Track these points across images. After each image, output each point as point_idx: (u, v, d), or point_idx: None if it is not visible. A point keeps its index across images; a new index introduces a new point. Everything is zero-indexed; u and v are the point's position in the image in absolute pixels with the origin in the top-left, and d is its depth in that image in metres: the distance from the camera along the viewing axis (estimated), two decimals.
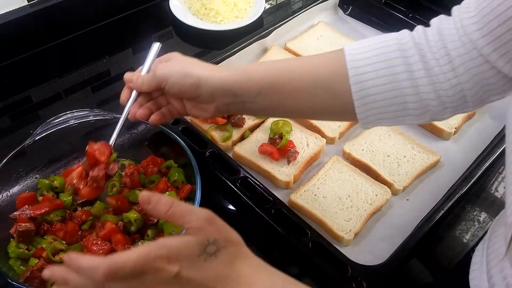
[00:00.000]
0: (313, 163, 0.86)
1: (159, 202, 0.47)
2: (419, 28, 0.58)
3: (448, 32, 0.54)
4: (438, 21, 0.57)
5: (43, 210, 0.69)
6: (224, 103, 0.63)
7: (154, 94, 0.68)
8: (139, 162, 0.79)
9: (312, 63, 0.61)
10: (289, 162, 0.82)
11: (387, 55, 0.56)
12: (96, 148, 0.67)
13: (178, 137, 0.76)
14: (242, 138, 0.89)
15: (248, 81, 0.61)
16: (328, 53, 0.61)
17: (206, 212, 0.47)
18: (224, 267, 0.46)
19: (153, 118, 0.68)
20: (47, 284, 0.64)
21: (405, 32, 0.58)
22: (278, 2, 1.29)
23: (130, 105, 0.68)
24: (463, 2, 0.56)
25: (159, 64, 0.66)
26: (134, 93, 0.68)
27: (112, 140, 0.69)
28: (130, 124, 0.79)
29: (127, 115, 0.68)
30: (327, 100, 0.60)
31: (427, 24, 0.59)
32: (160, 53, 0.71)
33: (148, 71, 0.69)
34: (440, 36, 0.55)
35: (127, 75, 0.68)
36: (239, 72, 0.62)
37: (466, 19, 0.53)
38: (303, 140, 0.87)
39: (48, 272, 0.46)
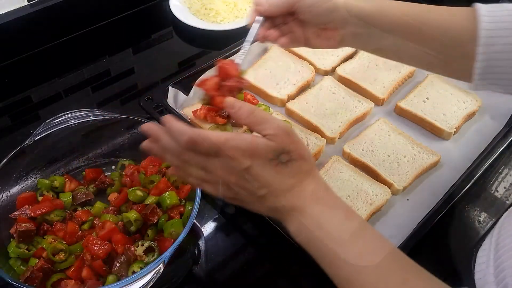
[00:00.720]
0: None
1: (242, 108, 0.52)
2: None
3: None
4: None
5: (43, 210, 0.69)
6: (353, 33, 0.63)
7: (277, 21, 0.68)
8: (139, 162, 0.79)
9: (447, 14, 0.61)
10: None
11: None
12: (226, 64, 0.66)
13: None
14: None
15: (384, 15, 0.61)
16: (462, 8, 0.61)
17: (284, 124, 0.51)
18: (291, 178, 0.49)
19: (284, 40, 0.68)
20: (47, 284, 0.64)
21: None
22: None
23: (257, 29, 0.67)
24: None
25: None
26: (259, 18, 0.67)
27: (240, 60, 0.68)
28: (130, 124, 0.80)
29: (254, 37, 0.67)
30: (452, 54, 0.61)
31: None
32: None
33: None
34: None
35: None
36: (376, 4, 0.62)
37: None
38: (302, 140, 0.86)
39: (146, 127, 0.53)
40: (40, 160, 0.76)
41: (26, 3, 1.02)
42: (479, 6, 0.58)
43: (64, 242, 0.69)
